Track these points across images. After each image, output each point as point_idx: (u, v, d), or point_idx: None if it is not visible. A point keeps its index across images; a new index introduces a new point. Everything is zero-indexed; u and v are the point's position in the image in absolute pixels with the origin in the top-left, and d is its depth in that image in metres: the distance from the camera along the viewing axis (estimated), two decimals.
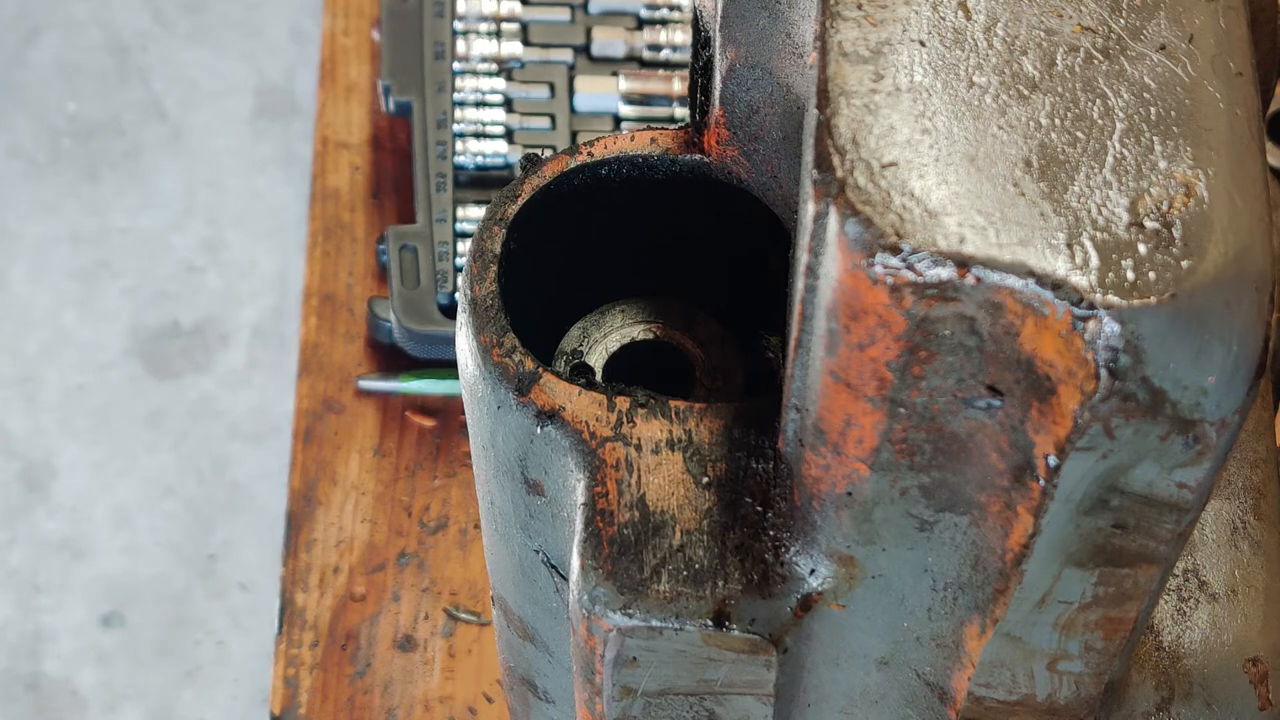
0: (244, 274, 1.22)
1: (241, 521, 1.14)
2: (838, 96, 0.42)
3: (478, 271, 0.53)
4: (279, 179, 1.25)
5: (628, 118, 1.10)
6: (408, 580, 1.02)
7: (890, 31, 0.43)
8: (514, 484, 0.54)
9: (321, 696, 0.99)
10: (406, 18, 1.10)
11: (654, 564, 0.49)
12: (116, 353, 1.19)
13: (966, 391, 0.43)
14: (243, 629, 1.11)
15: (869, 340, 0.42)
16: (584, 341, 0.56)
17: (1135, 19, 0.44)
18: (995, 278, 0.40)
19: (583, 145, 0.55)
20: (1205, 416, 0.41)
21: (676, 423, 0.51)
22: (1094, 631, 0.48)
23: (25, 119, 1.31)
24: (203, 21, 1.34)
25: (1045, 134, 0.42)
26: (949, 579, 0.48)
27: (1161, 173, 0.42)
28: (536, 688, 0.63)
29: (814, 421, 0.46)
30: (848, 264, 0.41)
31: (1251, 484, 0.61)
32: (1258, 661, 0.59)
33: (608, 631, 0.49)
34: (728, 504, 0.50)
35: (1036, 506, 0.44)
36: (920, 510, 0.47)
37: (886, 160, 0.41)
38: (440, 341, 1.02)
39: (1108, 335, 0.40)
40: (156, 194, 1.26)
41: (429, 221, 1.05)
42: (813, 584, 0.49)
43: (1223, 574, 0.60)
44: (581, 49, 1.11)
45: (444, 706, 0.99)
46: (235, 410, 1.18)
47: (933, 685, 0.52)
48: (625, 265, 0.58)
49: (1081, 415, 0.41)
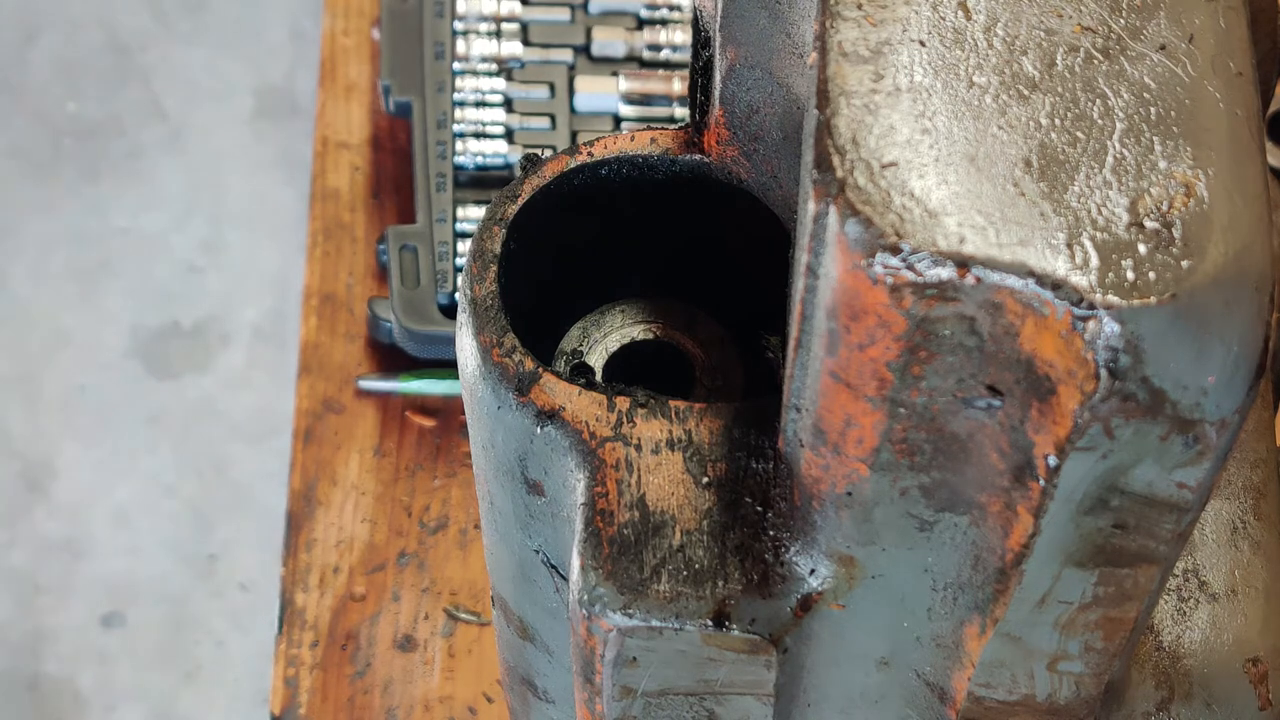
0: (244, 274, 1.22)
1: (241, 521, 1.14)
2: (838, 96, 0.42)
3: (478, 271, 0.53)
4: (279, 179, 1.25)
5: (628, 118, 1.10)
6: (408, 580, 1.02)
7: (890, 31, 0.43)
8: (514, 484, 0.54)
9: (321, 696, 0.99)
10: (406, 18, 1.10)
11: (654, 564, 0.49)
12: (116, 353, 1.19)
13: (966, 391, 0.43)
14: (243, 629, 1.11)
15: (869, 340, 0.42)
16: (584, 341, 0.56)
17: (1135, 19, 0.44)
18: (995, 278, 0.40)
19: (583, 145, 0.55)
20: (1205, 416, 0.41)
21: (676, 423, 0.51)
22: (1094, 631, 0.48)
23: (25, 119, 1.31)
24: (203, 21, 1.35)
25: (1045, 134, 0.42)
26: (949, 579, 0.48)
27: (1161, 173, 0.42)
28: (536, 688, 0.63)
29: (814, 421, 0.46)
30: (848, 264, 0.41)
31: (1251, 484, 0.61)
32: (1258, 661, 0.59)
33: (608, 631, 0.49)
34: (728, 504, 0.50)
35: (1036, 506, 0.44)
36: (920, 510, 0.47)
37: (886, 160, 0.41)
38: (440, 341, 1.02)
39: (1108, 335, 0.40)
40: (156, 194, 1.26)
41: (429, 221, 1.05)
42: (813, 584, 0.49)
43: (1223, 574, 0.60)
44: (581, 49, 1.11)
45: (444, 706, 0.99)
46: (235, 410, 1.18)
47: (933, 685, 0.52)
48: (625, 265, 0.58)
49: (1081, 415, 0.41)
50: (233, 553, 1.13)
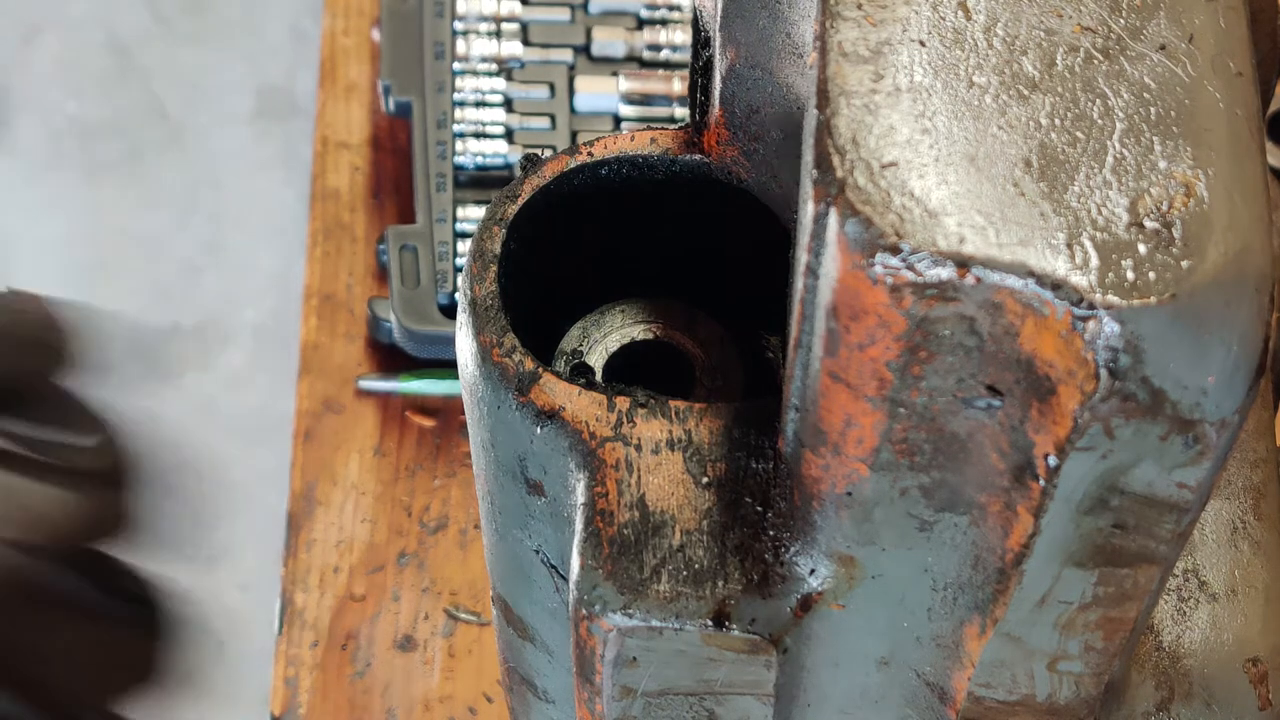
0: (244, 274, 1.22)
1: (241, 521, 1.14)
2: (838, 96, 0.42)
3: (478, 271, 0.53)
4: (279, 179, 1.25)
5: (628, 118, 1.10)
6: (408, 580, 1.02)
7: (890, 31, 0.43)
8: (514, 484, 0.54)
9: (321, 696, 0.99)
10: (406, 18, 1.10)
11: (654, 564, 0.49)
12: (116, 354, 1.19)
13: (966, 391, 0.43)
14: (242, 629, 1.11)
15: (869, 340, 0.42)
16: (584, 341, 0.56)
17: (1135, 19, 0.44)
18: (995, 278, 0.40)
19: (583, 145, 0.55)
20: (1205, 416, 0.41)
21: (676, 423, 0.51)
22: (1094, 631, 0.48)
23: (25, 119, 1.31)
24: (203, 21, 1.35)
25: (1045, 134, 0.42)
26: (949, 579, 0.48)
27: (1161, 173, 0.42)
28: (536, 688, 0.63)
29: (814, 421, 0.46)
30: (848, 264, 0.41)
31: (1251, 484, 0.61)
32: (1258, 661, 0.59)
33: (608, 631, 0.49)
34: (728, 504, 0.50)
35: (1036, 506, 0.44)
36: (920, 510, 0.47)
37: (886, 160, 0.41)
38: (440, 341, 1.02)
39: (1108, 335, 0.40)
40: (156, 194, 1.26)
41: (429, 221, 1.05)
42: (813, 584, 0.49)
43: (1223, 574, 0.60)
44: (581, 49, 1.11)
45: (444, 706, 0.99)
46: (235, 410, 1.18)
47: (933, 685, 0.52)
48: (625, 265, 0.58)
49: (1081, 415, 0.41)
50: (233, 553, 1.13)
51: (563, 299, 0.57)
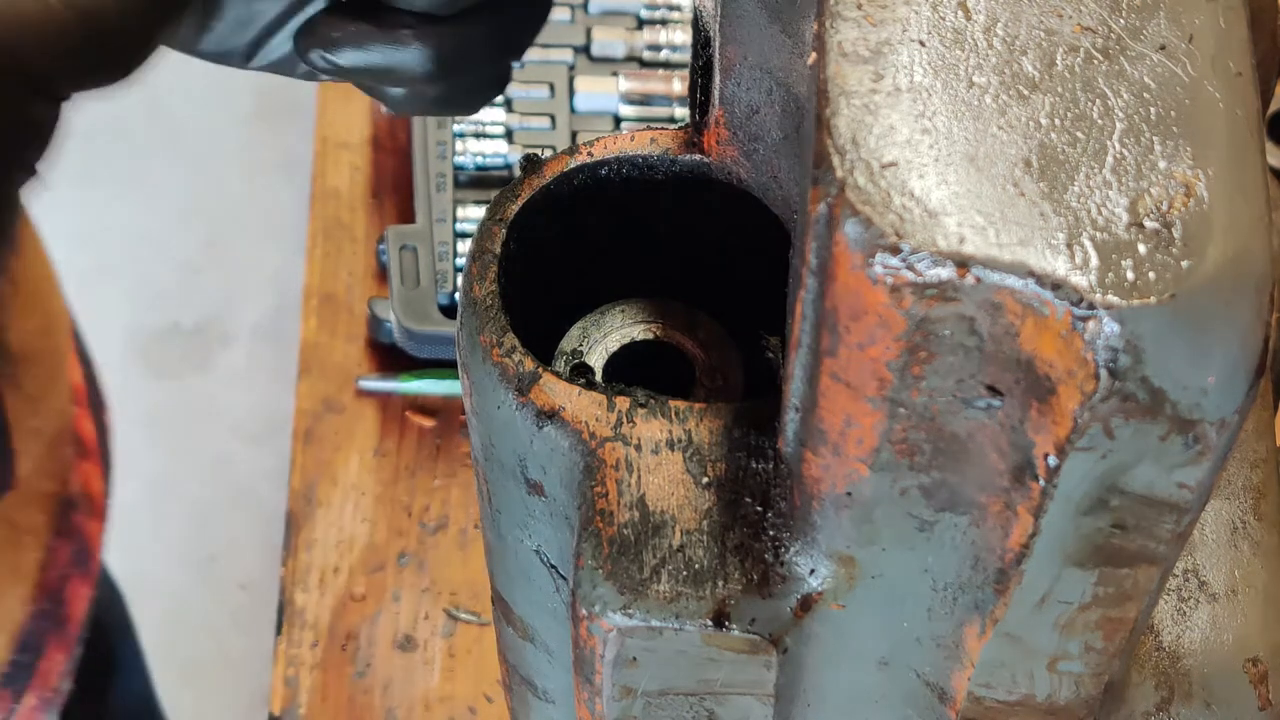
0: (244, 274, 1.22)
1: (241, 521, 1.14)
2: (838, 96, 0.42)
3: (478, 271, 0.53)
4: (279, 179, 1.25)
5: (628, 118, 1.10)
6: (408, 580, 1.02)
7: (890, 31, 0.43)
8: (514, 484, 0.54)
9: (321, 696, 0.99)
10: None
11: (654, 564, 0.49)
12: (116, 353, 1.19)
13: (966, 391, 0.43)
14: (242, 629, 1.11)
15: (869, 340, 0.42)
16: (584, 341, 0.56)
17: (1135, 19, 0.44)
18: (995, 278, 0.40)
19: (583, 145, 0.55)
20: (1205, 416, 0.41)
21: (676, 423, 0.51)
22: (1094, 631, 0.48)
23: None
24: None
25: (1045, 134, 0.42)
26: (949, 579, 0.48)
27: (1161, 173, 0.42)
28: (536, 688, 0.63)
29: (814, 421, 0.46)
30: (847, 264, 0.41)
31: (1251, 484, 0.61)
32: (1258, 661, 0.59)
33: (608, 631, 0.49)
34: (728, 504, 0.50)
35: (1036, 506, 0.44)
36: (920, 510, 0.47)
37: (886, 160, 0.41)
38: (440, 341, 1.02)
39: (1108, 335, 0.40)
40: (156, 194, 1.26)
41: (429, 221, 1.05)
42: (813, 584, 0.49)
43: (1223, 574, 0.60)
44: (581, 49, 1.11)
45: (444, 706, 0.99)
46: (235, 410, 1.18)
47: (933, 685, 0.52)
48: (625, 265, 0.58)
49: (1081, 415, 0.41)
50: (233, 553, 1.13)
51: (563, 299, 0.57)
